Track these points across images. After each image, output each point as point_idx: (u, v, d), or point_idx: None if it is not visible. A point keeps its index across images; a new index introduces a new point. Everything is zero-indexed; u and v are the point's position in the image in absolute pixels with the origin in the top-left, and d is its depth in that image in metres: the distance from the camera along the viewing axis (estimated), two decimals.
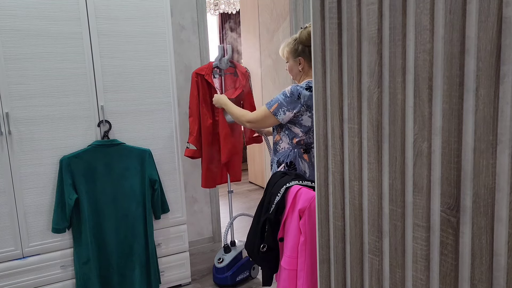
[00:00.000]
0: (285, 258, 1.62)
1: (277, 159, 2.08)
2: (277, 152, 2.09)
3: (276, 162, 2.09)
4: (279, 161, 2.06)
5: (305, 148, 2.04)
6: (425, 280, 0.98)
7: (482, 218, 0.83)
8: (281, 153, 2.06)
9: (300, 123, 1.98)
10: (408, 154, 0.99)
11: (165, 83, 2.36)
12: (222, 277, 2.58)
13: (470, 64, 0.83)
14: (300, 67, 2.03)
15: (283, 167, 2.03)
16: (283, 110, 1.94)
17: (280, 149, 2.07)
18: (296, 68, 2.05)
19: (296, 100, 1.93)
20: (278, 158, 2.07)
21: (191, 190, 3.09)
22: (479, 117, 0.81)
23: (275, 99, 1.98)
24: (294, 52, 2.02)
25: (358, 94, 1.11)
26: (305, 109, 1.95)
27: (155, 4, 2.28)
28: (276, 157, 2.09)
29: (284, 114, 1.95)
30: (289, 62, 2.07)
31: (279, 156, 2.07)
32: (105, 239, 2.23)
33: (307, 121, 1.98)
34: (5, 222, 2.06)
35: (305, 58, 2.01)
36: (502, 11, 0.75)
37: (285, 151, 2.05)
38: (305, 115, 1.96)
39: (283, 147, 2.06)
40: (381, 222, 1.09)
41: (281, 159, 2.05)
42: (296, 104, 1.93)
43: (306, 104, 1.94)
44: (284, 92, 1.97)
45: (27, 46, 2.01)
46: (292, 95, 1.94)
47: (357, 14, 1.07)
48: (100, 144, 2.19)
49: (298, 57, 2.01)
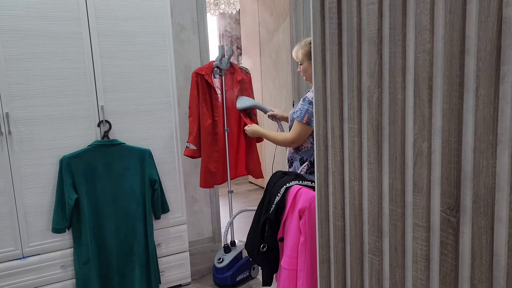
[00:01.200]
0: (285, 258, 1.62)
1: (300, 157, 2.13)
2: (299, 151, 2.14)
3: (299, 160, 2.14)
4: (302, 159, 2.12)
5: None
6: (425, 280, 0.98)
7: (482, 218, 0.83)
8: (304, 152, 2.11)
9: None
10: (408, 154, 0.99)
11: (165, 83, 2.36)
12: (222, 277, 2.58)
13: (470, 64, 0.82)
14: None
15: (306, 165, 2.09)
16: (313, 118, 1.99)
17: (303, 148, 2.12)
18: (310, 70, 2.09)
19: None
20: (301, 156, 2.13)
21: (191, 190, 3.09)
22: (479, 117, 0.81)
23: (303, 110, 2.02)
24: (310, 55, 2.06)
25: (358, 94, 1.11)
26: None
27: (155, 4, 2.27)
28: (299, 155, 2.14)
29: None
30: (304, 64, 2.11)
31: (302, 155, 2.12)
32: (105, 239, 2.23)
33: None
34: (5, 222, 2.06)
35: None
36: (502, 11, 0.75)
37: (308, 150, 2.10)
38: None
39: (305, 146, 2.11)
40: (381, 222, 1.09)
41: (305, 157, 2.10)
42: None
43: None
44: (308, 100, 2.01)
45: (27, 46, 2.01)
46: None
47: (357, 14, 1.07)
48: (100, 144, 2.18)
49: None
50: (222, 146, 2.61)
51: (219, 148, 2.60)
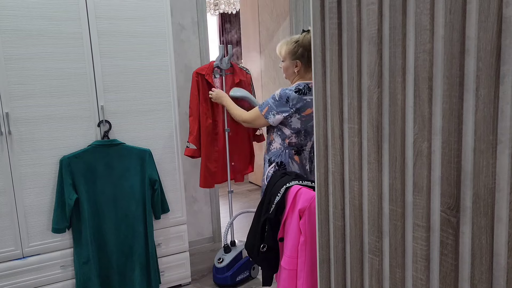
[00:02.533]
0: (285, 258, 1.62)
1: (269, 158, 2.12)
2: (269, 151, 2.13)
3: (267, 161, 2.13)
4: (270, 160, 2.10)
5: (296, 150, 2.07)
6: (425, 280, 0.98)
7: (482, 218, 0.83)
8: (273, 153, 2.10)
9: (290, 125, 2.02)
10: (408, 154, 0.99)
11: (165, 83, 2.36)
12: (222, 277, 2.58)
13: (470, 64, 0.83)
14: (296, 69, 2.05)
15: (273, 166, 2.07)
16: (273, 113, 2.01)
17: (273, 148, 2.11)
18: (291, 69, 2.07)
19: (284, 103, 1.98)
20: (270, 157, 2.11)
21: (191, 190, 3.08)
22: (479, 117, 0.81)
23: (266, 103, 2.05)
24: (293, 54, 2.04)
25: (358, 94, 1.11)
26: (294, 112, 1.99)
27: (155, 4, 2.28)
28: (268, 156, 2.13)
29: (274, 117, 2.01)
30: (286, 62, 2.09)
31: (271, 155, 2.11)
32: (105, 239, 2.23)
33: (296, 123, 2.01)
34: (5, 222, 2.06)
35: (302, 62, 2.03)
36: (502, 11, 0.75)
37: (277, 151, 2.08)
38: (294, 117, 2.00)
39: (275, 147, 2.09)
40: (381, 222, 1.09)
41: (273, 158, 2.09)
42: (284, 108, 1.98)
43: (294, 107, 1.98)
44: (273, 96, 2.03)
45: (27, 46, 2.01)
46: (281, 99, 1.99)
47: (357, 14, 1.07)
48: (100, 144, 2.18)
49: (296, 60, 2.03)
50: (222, 146, 2.61)
51: (219, 148, 2.60)
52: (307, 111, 1.99)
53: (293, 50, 2.03)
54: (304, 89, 1.99)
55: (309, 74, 2.05)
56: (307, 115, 2.00)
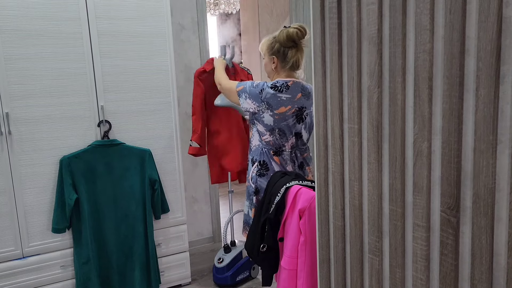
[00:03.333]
0: (285, 258, 1.62)
1: (251, 157, 2.07)
2: (251, 150, 2.09)
3: (250, 161, 2.08)
4: (253, 160, 2.06)
5: (274, 150, 2.02)
6: (425, 280, 0.98)
7: (482, 218, 0.83)
8: (254, 151, 2.06)
9: (262, 121, 1.97)
10: (408, 154, 0.99)
11: (165, 83, 2.36)
12: (222, 277, 2.58)
13: (470, 64, 0.82)
14: (273, 66, 2.02)
15: (256, 165, 2.02)
16: (245, 96, 1.98)
17: (253, 146, 2.07)
18: (269, 65, 2.04)
19: (257, 93, 1.94)
20: (252, 156, 2.07)
21: (191, 190, 3.08)
22: (479, 117, 0.81)
23: (244, 83, 2.01)
24: (270, 49, 2.00)
25: (358, 94, 1.11)
26: (266, 107, 1.94)
27: (155, 4, 2.28)
28: (250, 155, 2.09)
29: (245, 99, 1.98)
30: (265, 59, 2.06)
31: (252, 155, 2.06)
32: (105, 239, 2.23)
33: (269, 120, 1.96)
34: (5, 222, 2.06)
35: (278, 58, 1.99)
36: (502, 11, 0.75)
37: (257, 149, 2.04)
38: (266, 113, 1.95)
39: (254, 145, 2.06)
40: (381, 222, 1.09)
41: (254, 157, 2.05)
42: (256, 97, 1.95)
43: (266, 101, 1.93)
44: (252, 82, 2.00)
45: (27, 46, 2.01)
46: (256, 87, 1.96)
47: (357, 14, 1.07)
48: (100, 144, 2.18)
49: (273, 55, 2.00)
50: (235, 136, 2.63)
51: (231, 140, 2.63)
52: (281, 109, 1.94)
53: (270, 45, 2.00)
54: (282, 87, 1.94)
55: (287, 72, 2.00)
56: (280, 113, 1.94)
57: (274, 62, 2.01)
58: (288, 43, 1.95)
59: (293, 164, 2.05)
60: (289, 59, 1.97)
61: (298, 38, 1.95)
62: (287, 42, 1.95)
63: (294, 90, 1.97)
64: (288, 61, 1.97)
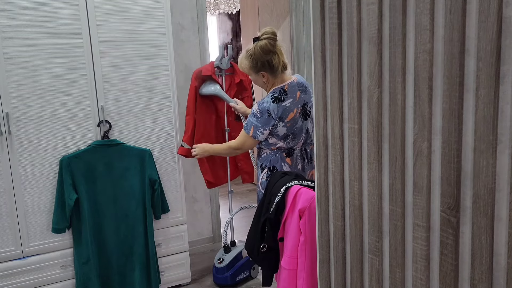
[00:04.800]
0: (285, 258, 1.62)
1: (260, 164, 2.12)
2: (260, 157, 2.13)
3: (259, 166, 2.13)
4: (262, 166, 2.10)
5: (287, 152, 2.07)
6: (425, 280, 0.98)
7: (482, 218, 0.83)
8: (263, 158, 2.10)
9: (277, 134, 2.01)
10: (408, 154, 0.99)
11: (165, 83, 2.36)
12: (222, 277, 2.58)
13: (470, 64, 0.83)
14: (264, 80, 2.04)
15: (266, 171, 2.07)
16: (260, 131, 1.99)
17: (263, 153, 2.11)
18: (260, 80, 2.06)
19: (267, 117, 1.97)
20: (261, 162, 2.11)
21: (191, 190, 3.08)
22: (479, 117, 0.81)
23: (250, 122, 2.02)
24: (255, 68, 2.01)
25: (358, 94, 1.11)
26: (278, 121, 1.98)
27: (155, 4, 2.27)
28: (260, 161, 2.13)
29: (262, 134, 2.00)
30: (252, 76, 2.09)
31: (262, 161, 2.11)
32: (105, 239, 2.23)
33: (282, 130, 2.00)
34: (5, 222, 2.06)
35: (266, 71, 2.01)
36: (502, 11, 0.75)
37: (267, 155, 2.08)
38: (279, 126, 1.99)
39: (265, 152, 2.10)
40: (381, 222, 1.09)
41: (264, 163, 2.09)
42: (269, 121, 1.97)
43: (278, 117, 1.97)
44: (253, 113, 2.00)
45: (27, 46, 2.01)
46: (262, 114, 1.97)
47: (357, 14, 1.07)
48: (100, 144, 2.18)
49: (260, 72, 2.01)
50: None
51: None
52: (290, 115, 1.98)
53: (252, 65, 2.00)
54: (281, 95, 1.97)
55: (279, 78, 2.02)
56: (290, 120, 1.98)
57: (264, 76, 2.03)
58: (267, 55, 1.96)
59: (302, 161, 2.11)
60: (276, 66, 1.98)
61: (272, 46, 1.96)
62: (266, 55, 1.96)
63: (292, 91, 2.00)
64: (276, 68, 1.99)
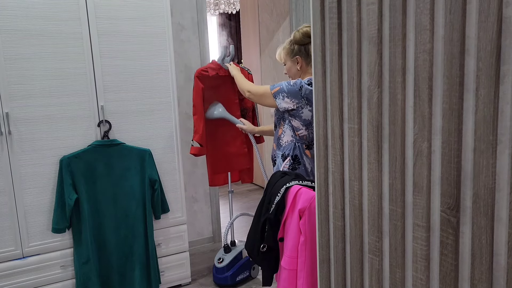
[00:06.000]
0: (285, 258, 1.62)
1: (281, 153, 2.07)
2: (280, 147, 2.09)
3: (280, 156, 2.07)
4: (284, 155, 2.06)
5: (307, 144, 2.05)
6: (425, 280, 0.98)
7: (482, 218, 0.83)
8: (285, 147, 2.06)
9: (300, 116, 1.99)
10: (408, 154, 0.99)
11: (165, 83, 2.36)
12: (222, 277, 2.58)
13: (470, 64, 0.83)
14: (298, 66, 2.06)
15: (288, 160, 2.03)
16: (283, 96, 1.97)
17: (284, 143, 2.07)
18: (294, 68, 2.07)
19: (297, 90, 1.96)
20: (282, 152, 2.06)
21: (191, 190, 3.09)
22: (479, 117, 0.81)
23: (279, 84, 2.01)
24: (291, 53, 2.06)
25: (358, 94, 1.11)
26: (305, 102, 1.97)
27: (155, 4, 2.27)
28: (280, 151, 2.08)
29: (283, 99, 1.97)
30: (287, 64, 2.10)
31: (283, 150, 2.06)
32: (105, 239, 2.23)
33: (307, 115, 1.99)
34: (5, 222, 2.06)
35: (302, 57, 2.04)
36: (502, 11, 0.75)
37: (289, 144, 2.05)
38: (306, 108, 1.97)
39: (286, 141, 2.06)
40: (381, 222, 1.09)
41: (286, 152, 2.05)
42: (296, 94, 1.96)
43: (306, 97, 1.96)
44: (288, 81, 2.01)
45: (27, 46, 2.01)
46: (295, 85, 1.97)
47: (357, 14, 1.07)
48: (100, 144, 2.18)
49: (295, 56, 2.05)
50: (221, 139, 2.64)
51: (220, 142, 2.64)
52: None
53: (289, 49, 2.06)
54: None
55: (309, 70, 2.06)
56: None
57: (298, 62, 2.05)
58: (305, 39, 2.00)
59: None
60: (310, 54, 2.01)
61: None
62: (304, 38, 2.00)
63: None
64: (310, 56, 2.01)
